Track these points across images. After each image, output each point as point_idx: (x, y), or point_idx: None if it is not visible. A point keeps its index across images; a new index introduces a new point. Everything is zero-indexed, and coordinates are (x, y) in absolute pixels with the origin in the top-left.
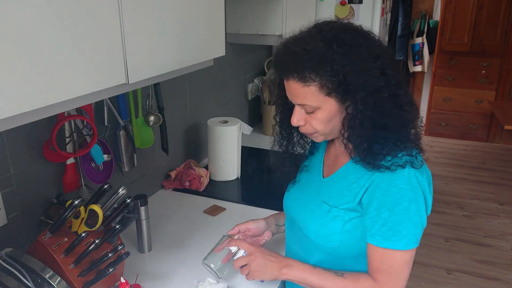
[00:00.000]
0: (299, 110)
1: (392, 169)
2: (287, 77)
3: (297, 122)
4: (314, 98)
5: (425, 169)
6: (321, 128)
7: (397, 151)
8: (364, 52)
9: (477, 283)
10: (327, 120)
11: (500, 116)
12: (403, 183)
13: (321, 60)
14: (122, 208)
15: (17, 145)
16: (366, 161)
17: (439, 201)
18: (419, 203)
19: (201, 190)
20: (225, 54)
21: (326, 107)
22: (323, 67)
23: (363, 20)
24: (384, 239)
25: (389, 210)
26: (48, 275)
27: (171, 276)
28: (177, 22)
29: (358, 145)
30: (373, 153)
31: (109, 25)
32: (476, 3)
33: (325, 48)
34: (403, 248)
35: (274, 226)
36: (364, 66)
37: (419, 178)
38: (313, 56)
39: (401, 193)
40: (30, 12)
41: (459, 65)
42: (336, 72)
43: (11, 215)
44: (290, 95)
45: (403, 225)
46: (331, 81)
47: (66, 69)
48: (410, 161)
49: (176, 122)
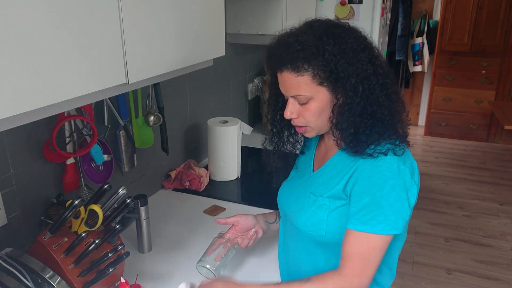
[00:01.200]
0: (292, 103)
1: (374, 156)
2: (281, 69)
3: (290, 114)
4: (308, 88)
5: (409, 157)
6: (313, 120)
7: (381, 141)
8: (353, 43)
9: (477, 283)
10: (320, 111)
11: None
12: (385, 170)
13: (313, 50)
14: (122, 208)
15: (17, 145)
16: (351, 146)
17: (439, 201)
18: (399, 191)
19: (201, 190)
20: (225, 54)
21: (318, 96)
22: (315, 57)
23: (363, 20)
24: (361, 223)
25: (370, 195)
26: (48, 275)
27: (171, 276)
28: (177, 22)
29: (345, 130)
30: (358, 140)
31: (109, 25)
32: (476, 3)
33: (316, 40)
34: (379, 232)
35: (263, 223)
36: (353, 55)
37: (401, 166)
38: (306, 47)
39: (384, 179)
40: (30, 12)
41: (459, 65)
42: (328, 61)
43: (11, 215)
44: (284, 87)
45: (382, 210)
46: (323, 70)
47: (66, 69)
48: (391, 148)
49: (176, 122)
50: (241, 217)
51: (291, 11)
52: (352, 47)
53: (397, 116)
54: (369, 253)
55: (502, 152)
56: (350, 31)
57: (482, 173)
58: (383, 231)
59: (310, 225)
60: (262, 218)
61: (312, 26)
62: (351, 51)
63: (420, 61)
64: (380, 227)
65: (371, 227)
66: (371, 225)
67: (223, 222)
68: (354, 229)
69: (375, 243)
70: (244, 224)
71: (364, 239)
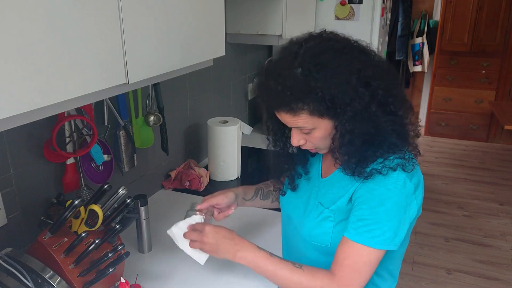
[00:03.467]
0: (296, 131)
1: (383, 173)
2: (277, 111)
3: (297, 142)
4: (309, 122)
5: (417, 173)
6: (321, 143)
7: (390, 154)
8: (344, 70)
9: (477, 283)
10: (325, 136)
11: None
12: (390, 185)
13: (304, 90)
14: (122, 208)
15: (17, 145)
16: (355, 175)
17: (439, 201)
18: (400, 208)
19: (201, 190)
20: (225, 54)
21: (321, 126)
22: (307, 95)
23: (363, 20)
24: (357, 233)
25: (370, 208)
26: (48, 275)
27: (171, 276)
28: (177, 22)
29: (347, 162)
30: (362, 166)
31: (109, 25)
32: (476, 3)
33: (304, 77)
34: (372, 246)
35: (240, 199)
36: (347, 85)
37: (407, 183)
38: (296, 90)
39: (387, 195)
40: (29, 12)
41: (459, 65)
42: (322, 98)
43: (11, 215)
44: (284, 122)
45: (379, 225)
46: (319, 105)
47: (66, 69)
48: (401, 164)
49: (176, 122)
50: (223, 198)
51: (291, 11)
52: (345, 77)
53: (407, 126)
54: (360, 266)
55: (502, 152)
56: (340, 54)
57: (482, 173)
58: (377, 246)
59: (314, 236)
60: (241, 194)
61: (297, 57)
62: (345, 81)
63: (420, 61)
64: (375, 241)
65: (366, 240)
66: (366, 237)
67: (205, 206)
68: (350, 238)
69: (368, 256)
70: (225, 204)
71: (358, 250)
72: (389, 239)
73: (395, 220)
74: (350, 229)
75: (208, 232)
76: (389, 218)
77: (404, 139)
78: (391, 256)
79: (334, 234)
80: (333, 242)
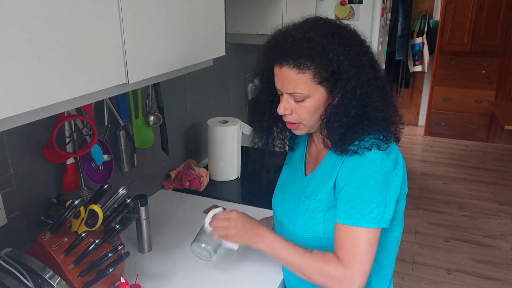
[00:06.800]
0: (287, 99)
1: (359, 153)
2: (281, 64)
3: (284, 110)
4: (306, 86)
5: (394, 151)
6: (307, 117)
7: (365, 136)
8: (356, 45)
9: (477, 283)
10: (314, 109)
11: (500, 116)
12: (368, 163)
13: (319, 49)
14: (122, 208)
15: (17, 145)
16: (337, 145)
17: (439, 201)
18: (382, 184)
19: (201, 190)
20: (225, 54)
21: (315, 95)
22: (320, 55)
23: (363, 20)
24: (347, 217)
25: (354, 189)
26: (48, 275)
27: (171, 276)
28: (177, 22)
29: (335, 129)
30: (345, 139)
31: (109, 25)
32: (476, 3)
33: (322, 38)
34: (365, 226)
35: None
36: (356, 58)
37: (384, 160)
38: (313, 44)
39: (367, 173)
40: (29, 12)
41: (459, 65)
42: (331, 62)
43: (11, 215)
44: (281, 82)
45: (366, 204)
46: (325, 70)
47: (66, 69)
48: (376, 143)
49: (176, 122)
50: None
51: (291, 11)
52: (355, 50)
53: (390, 119)
54: (360, 246)
55: (502, 152)
56: (353, 34)
57: (482, 173)
58: (369, 224)
59: (307, 229)
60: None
61: (317, 24)
62: (354, 54)
63: (420, 61)
64: (365, 220)
65: (357, 221)
66: (357, 218)
67: None
68: (342, 222)
69: (365, 236)
70: None
71: (353, 232)
72: (379, 215)
73: (380, 196)
74: (340, 213)
75: (234, 217)
76: (374, 195)
77: (386, 128)
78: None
79: (326, 222)
80: (325, 231)
